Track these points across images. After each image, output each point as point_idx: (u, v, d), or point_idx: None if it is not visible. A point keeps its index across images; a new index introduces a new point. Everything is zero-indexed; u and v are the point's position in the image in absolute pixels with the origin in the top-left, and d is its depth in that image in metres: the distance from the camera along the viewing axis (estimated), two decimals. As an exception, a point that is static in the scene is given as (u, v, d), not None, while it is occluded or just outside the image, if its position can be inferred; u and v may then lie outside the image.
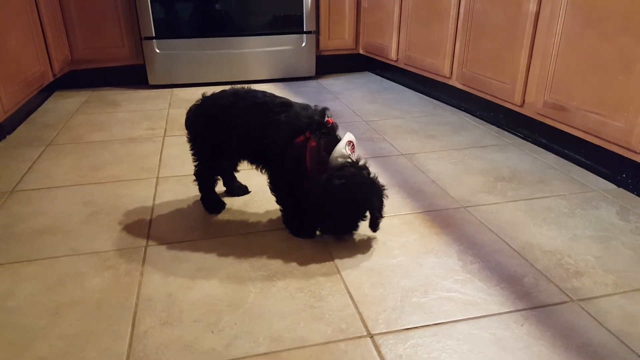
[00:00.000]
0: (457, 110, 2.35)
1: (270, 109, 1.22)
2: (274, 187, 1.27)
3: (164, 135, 2.04)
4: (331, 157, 1.15)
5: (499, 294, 1.03)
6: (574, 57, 1.57)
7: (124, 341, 0.91)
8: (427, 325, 0.94)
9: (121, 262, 1.16)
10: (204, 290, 1.05)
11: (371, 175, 1.17)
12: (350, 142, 1.17)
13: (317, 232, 1.25)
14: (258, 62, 2.94)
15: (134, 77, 2.90)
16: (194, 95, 1.35)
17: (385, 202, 1.20)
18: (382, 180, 1.21)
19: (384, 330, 0.93)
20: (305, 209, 1.21)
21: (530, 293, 1.03)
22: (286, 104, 1.22)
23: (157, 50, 2.78)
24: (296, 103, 1.24)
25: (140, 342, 0.91)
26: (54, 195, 1.51)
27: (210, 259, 1.16)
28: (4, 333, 0.93)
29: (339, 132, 1.21)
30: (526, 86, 1.82)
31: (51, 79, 2.49)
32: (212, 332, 0.93)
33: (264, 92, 1.27)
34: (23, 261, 1.17)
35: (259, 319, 0.96)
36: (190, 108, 1.34)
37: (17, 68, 2.06)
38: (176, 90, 2.81)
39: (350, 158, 1.16)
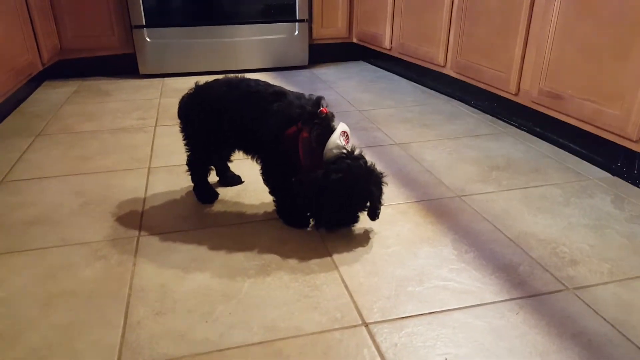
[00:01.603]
0: (452, 99, 2.34)
1: (263, 97, 1.20)
2: (267, 178, 1.25)
3: (155, 125, 2.01)
4: (326, 148, 1.12)
5: (494, 282, 1.03)
6: (569, 45, 1.57)
7: (116, 331, 0.90)
8: (422, 314, 0.94)
9: (113, 252, 1.14)
10: (197, 280, 1.04)
11: (368, 164, 1.15)
12: (344, 132, 1.15)
13: (311, 222, 1.24)
14: (250, 51, 2.91)
15: (124, 66, 2.85)
16: (186, 84, 1.33)
17: (384, 189, 1.19)
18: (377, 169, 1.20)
19: (379, 319, 0.92)
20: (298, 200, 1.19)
21: (526, 282, 1.03)
22: (279, 93, 1.20)
23: (148, 39, 2.74)
24: (290, 92, 1.22)
25: (134, 332, 0.89)
26: (44, 186, 1.48)
27: (204, 249, 1.15)
28: (-6, 325, 0.92)
29: (335, 122, 1.18)
30: (521, 74, 1.81)
31: (40, 68, 2.45)
32: (207, 321, 0.92)
33: (257, 81, 1.25)
34: (13, 252, 1.15)
35: (254, 308, 0.96)
36: (183, 97, 1.32)
37: (4, 57, 2.02)
38: (167, 80, 2.77)
39: (345, 149, 1.13)
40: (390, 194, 1.41)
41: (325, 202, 1.11)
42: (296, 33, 2.94)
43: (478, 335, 0.89)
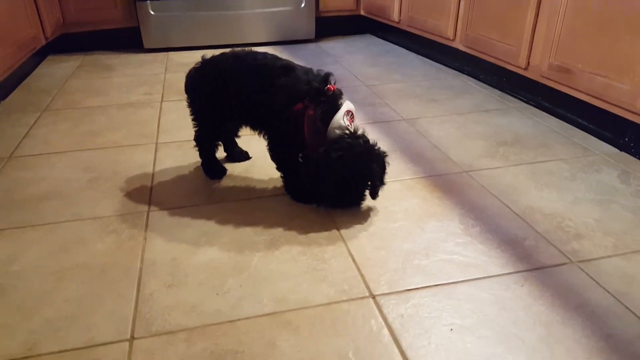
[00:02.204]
0: (460, 73, 2.31)
1: (270, 71, 1.19)
2: (273, 154, 1.25)
3: (162, 101, 2.01)
4: (329, 128, 1.11)
5: (500, 256, 1.04)
6: (581, 18, 1.53)
7: (130, 303, 0.92)
8: (428, 286, 0.96)
9: (124, 227, 1.16)
10: (207, 254, 1.06)
11: (371, 142, 1.14)
12: (349, 111, 1.13)
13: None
14: (255, 23, 2.87)
15: (128, 40, 2.83)
16: (191, 59, 1.33)
17: (387, 168, 1.19)
18: (383, 145, 1.20)
19: (386, 291, 0.94)
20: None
21: (531, 255, 1.05)
22: (287, 67, 1.19)
23: (152, 12, 2.70)
24: (299, 66, 1.20)
25: (146, 304, 0.92)
26: (53, 161, 1.50)
27: (213, 224, 1.17)
28: (11, 296, 0.95)
29: (342, 100, 1.16)
30: (531, 48, 1.78)
31: (43, 42, 2.43)
32: (217, 294, 0.94)
33: (265, 54, 1.24)
34: (25, 226, 1.17)
35: (264, 281, 0.98)
36: (190, 71, 1.31)
37: (8, 31, 2.00)
38: (172, 54, 2.75)
39: (348, 129, 1.12)
40: (398, 169, 1.41)
41: (326, 181, 1.11)
42: (302, 5, 2.89)
43: (483, 306, 0.90)
